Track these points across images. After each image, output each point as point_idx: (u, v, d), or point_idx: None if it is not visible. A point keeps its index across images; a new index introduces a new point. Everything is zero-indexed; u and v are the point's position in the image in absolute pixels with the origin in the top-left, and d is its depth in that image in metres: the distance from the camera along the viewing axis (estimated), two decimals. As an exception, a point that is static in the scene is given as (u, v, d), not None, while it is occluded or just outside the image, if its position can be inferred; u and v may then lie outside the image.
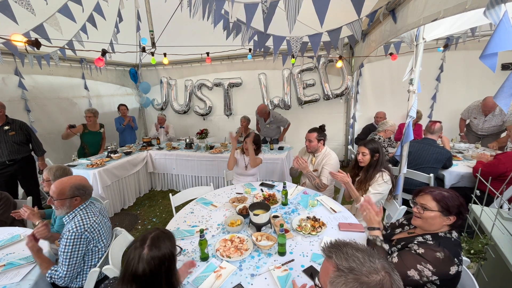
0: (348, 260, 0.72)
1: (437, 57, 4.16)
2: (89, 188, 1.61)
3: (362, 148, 2.08)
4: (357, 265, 0.70)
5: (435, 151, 2.73)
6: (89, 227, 1.49)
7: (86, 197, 1.58)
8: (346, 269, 0.71)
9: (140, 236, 1.00)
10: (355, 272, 0.69)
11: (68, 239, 1.41)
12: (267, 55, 3.70)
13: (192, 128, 5.85)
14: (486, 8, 1.07)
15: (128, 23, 3.32)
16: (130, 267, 0.91)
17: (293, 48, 2.46)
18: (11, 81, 3.58)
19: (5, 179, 3.01)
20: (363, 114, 4.86)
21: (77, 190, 1.52)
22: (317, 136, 2.44)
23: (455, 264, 1.10)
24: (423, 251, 1.15)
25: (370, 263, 0.71)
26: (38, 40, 1.91)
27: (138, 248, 0.94)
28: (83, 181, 1.59)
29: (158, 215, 3.56)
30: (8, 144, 2.94)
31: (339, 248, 0.77)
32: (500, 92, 1.03)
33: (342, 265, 0.72)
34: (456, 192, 1.22)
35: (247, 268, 1.38)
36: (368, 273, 0.69)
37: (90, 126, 4.01)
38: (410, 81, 2.15)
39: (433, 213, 1.19)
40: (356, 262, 0.71)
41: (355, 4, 1.65)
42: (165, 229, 1.09)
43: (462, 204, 1.18)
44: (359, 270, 0.69)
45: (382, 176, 1.97)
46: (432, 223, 1.21)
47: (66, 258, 1.40)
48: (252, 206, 1.78)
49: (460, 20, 1.87)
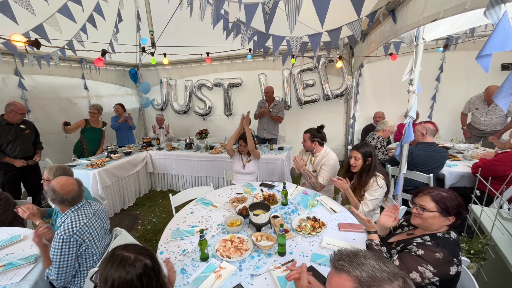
0: (366, 271, 0.70)
1: (437, 57, 4.17)
2: (65, 194, 1.50)
3: (354, 152, 2.03)
4: (378, 274, 0.68)
5: (441, 155, 2.66)
6: (79, 229, 1.46)
7: (68, 203, 1.52)
8: (368, 279, 0.68)
9: (116, 257, 0.87)
10: (378, 282, 0.67)
11: (57, 242, 1.39)
12: (267, 55, 3.70)
13: (192, 128, 5.86)
14: (486, 9, 1.07)
15: (128, 23, 3.32)
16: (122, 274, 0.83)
17: (293, 48, 2.46)
18: (11, 81, 3.58)
19: (16, 178, 3.11)
20: (363, 115, 4.86)
21: (52, 193, 1.50)
22: (310, 137, 2.50)
23: (454, 264, 1.10)
24: (423, 252, 1.15)
25: (386, 269, 0.69)
26: (38, 40, 1.91)
27: (130, 266, 0.84)
28: (58, 186, 1.51)
29: (158, 215, 3.55)
30: (24, 142, 3.13)
31: (351, 259, 0.74)
32: (500, 92, 1.03)
33: (363, 278, 0.69)
34: (454, 192, 1.22)
35: (247, 268, 1.37)
36: (389, 281, 0.67)
37: (93, 122, 4.01)
38: (410, 81, 2.15)
39: (432, 213, 1.20)
40: (375, 272, 0.69)
41: (355, 4, 1.65)
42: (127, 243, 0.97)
43: (461, 204, 1.18)
44: (381, 278, 0.68)
45: (377, 181, 1.94)
46: (431, 223, 1.21)
47: (56, 261, 1.39)
48: (252, 206, 1.78)
49: (460, 20, 1.87)
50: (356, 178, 2.11)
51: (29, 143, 3.21)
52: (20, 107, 3.02)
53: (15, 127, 3.04)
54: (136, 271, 0.84)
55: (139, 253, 0.89)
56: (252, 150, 2.75)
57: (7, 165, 3.01)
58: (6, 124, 2.98)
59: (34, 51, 3.29)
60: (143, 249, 0.92)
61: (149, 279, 0.87)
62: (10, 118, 2.97)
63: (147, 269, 0.87)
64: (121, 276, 0.83)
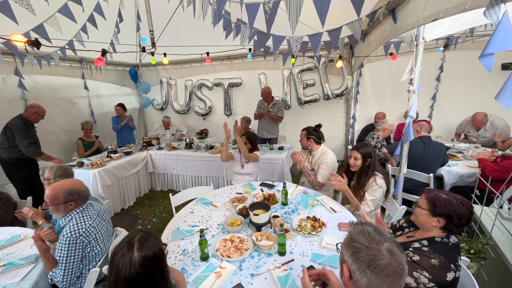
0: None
1: (437, 57, 4.16)
2: (84, 192, 1.55)
3: (354, 152, 2.03)
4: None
5: (436, 147, 2.75)
6: (85, 231, 1.45)
7: (81, 201, 1.53)
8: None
9: (123, 243, 0.94)
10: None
11: (63, 243, 1.39)
12: (267, 55, 3.70)
13: (192, 128, 5.86)
14: (486, 8, 1.07)
15: (128, 23, 3.31)
16: (122, 273, 0.88)
17: (293, 48, 2.46)
18: (11, 81, 3.58)
19: (25, 177, 3.19)
20: (363, 114, 4.86)
21: (70, 195, 1.47)
22: (306, 134, 2.55)
23: (451, 270, 1.08)
24: (418, 258, 1.14)
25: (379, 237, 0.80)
26: (38, 40, 1.91)
27: (127, 254, 0.90)
28: (76, 185, 1.53)
29: (158, 215, 3.56)
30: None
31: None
32: (502, 92, 1.02)
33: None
34: (462, 199, 1.15)
35: (247, 268, 1.38)
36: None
37: (87, 138, 4.15)
38: (410, 81, 2.15)
39: (422, 211, 1.22)
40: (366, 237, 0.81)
41: (355, 4, 1.65)
42: (146, 229, 1.05)
43: (455, 211, 1.12)
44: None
45: (376, 181, 1.94)
46: (422, 220, 1.23)
47: (62, 262, 1.39)
48: (252, 206, 1.78)
49: (460, 20, 1.87)
50: (355, 179, 2.10)
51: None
52: (43, 110, 3.22)
53: (33, 128, 3.24)
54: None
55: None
56: (247, 157, 2.76)
57: (30, 162, 3.17)
58: (31, 125, 3.16)
59: (34, 51, 3.29)
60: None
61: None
62: (33, 119, 3.14)
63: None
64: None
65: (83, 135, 4.11)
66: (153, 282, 0.93)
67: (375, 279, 0.75)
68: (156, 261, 0.93)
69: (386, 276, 0.74)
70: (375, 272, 0.75)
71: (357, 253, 0.80)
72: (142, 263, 0.89)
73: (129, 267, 0.88)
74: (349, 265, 0.82)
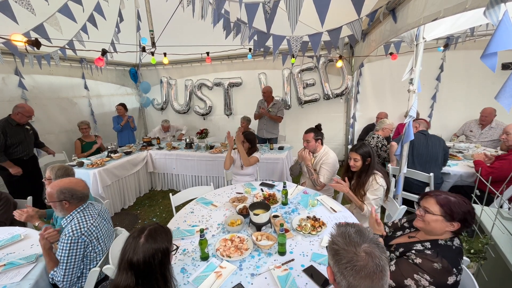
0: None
1: (437, 57, 4.16)
2: (79, 192, 1.52)
3: (353, 154, 2.01)
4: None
5: (436, 138, 2.80)
6: (86, 230, 1.45)
7: (75, 200, 1.50)
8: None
9: (139, 227, 1.05)
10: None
11: (65, 243, 1.39)
12: (267, 55, 3.70)
13: (192, 128, 5.86)
14: (486, 8, 1.07)
15: (128, 23, 3.32)
16: (126, 254, 0.96)
17: (293, 47, 2.46)
18: (11, 81, 3.58)
19: (21, 177, 3.14)
20: (363, 114, 4.85)
21: (62, 194, 1.46)
22: (314, 136, 2.46)
23: (453, 274, 1.06)
24: (421, 261, 1.11)
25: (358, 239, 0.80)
26: (38, 40, 1.91)
27: (136, 238, 0.99)
28: (72, 184, 1.51)
29: (158, 215, 3.56)
30: (29, 143, 3.25)
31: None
32: (502, 92, 1.02)
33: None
34: (465, 199, 1.14)
35: (247, 267, 1.38)
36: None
37: (86, 138, 4.13)
38: (410, 81, 2.15)
39: (435, 217, 1.14)
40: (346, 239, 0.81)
41: (355, 3, 1.65)
42: (164, 225, 1.11)
43: (469, 212, 1.11)
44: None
45: (376, 179, 1.93)
46: (434, 227, 1.16)
47: (63, 262, 1.39)
48: (252, 206, 1.78)
49: (460, 20, 1.87)
50: (355, 178, 2.10)
51: (32, 144, 3.31)
52: (28, 110, 3.11)
53: (22, 128, 3.14)
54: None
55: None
56: (248, 164, 2.75)
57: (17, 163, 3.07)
58: (16, 125, 3.06)
59: (34, 51, 3.29)
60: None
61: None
62: (17, 120, 3.05)
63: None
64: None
65: (82, 136, 4.09)
66: (150, 272, 0.97)
67: (353, 281, 0.74)
68: (157, 254, 0.98)
69: (363, 278, 0.74)
70: (352, 274, 0.74)
71: (336, 255, 0.80)
72: (144, 251, 0.96)
73: (132, 250, 0.96)
74: (332, 268, 0.82)
